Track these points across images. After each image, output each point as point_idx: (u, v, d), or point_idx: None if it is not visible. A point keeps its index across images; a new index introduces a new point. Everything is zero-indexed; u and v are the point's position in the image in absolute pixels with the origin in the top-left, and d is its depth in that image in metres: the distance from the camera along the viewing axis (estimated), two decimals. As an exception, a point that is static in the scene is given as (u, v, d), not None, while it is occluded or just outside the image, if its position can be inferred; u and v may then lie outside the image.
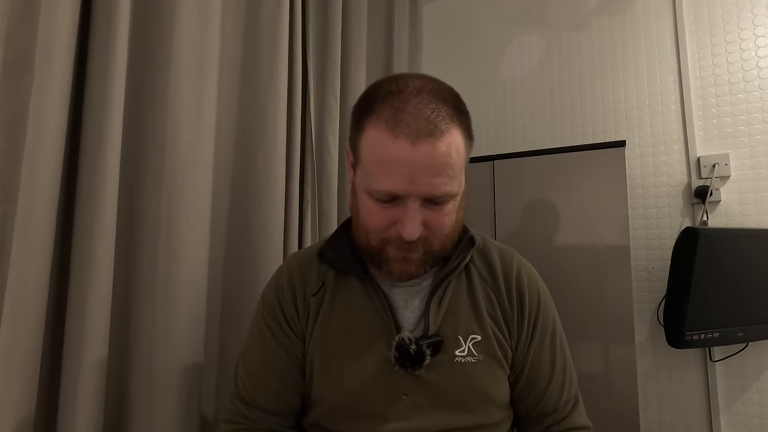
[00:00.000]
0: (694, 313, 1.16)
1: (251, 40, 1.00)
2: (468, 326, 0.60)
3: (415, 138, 0.49)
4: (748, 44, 1.35)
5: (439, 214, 0.54)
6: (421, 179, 0.50)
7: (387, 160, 0.50)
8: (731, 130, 1.36)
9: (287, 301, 0.63)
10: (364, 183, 0.54)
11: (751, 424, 1.28)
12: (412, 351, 0.55)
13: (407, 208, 0.52)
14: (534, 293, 0.65)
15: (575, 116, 1.60)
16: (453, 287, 0.62)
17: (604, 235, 1.18)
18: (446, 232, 0.56)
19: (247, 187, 0.96)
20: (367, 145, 0.53)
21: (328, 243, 0.65)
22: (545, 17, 1.70)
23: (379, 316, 0.60)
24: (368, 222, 0.56)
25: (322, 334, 0.60)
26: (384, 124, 0.51)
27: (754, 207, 1.31)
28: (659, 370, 1.41)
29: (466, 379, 0.58)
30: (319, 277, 0.63)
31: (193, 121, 0.82)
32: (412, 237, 0.52)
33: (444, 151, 0.50)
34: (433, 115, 0.50)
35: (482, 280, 0.64)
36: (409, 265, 0.56)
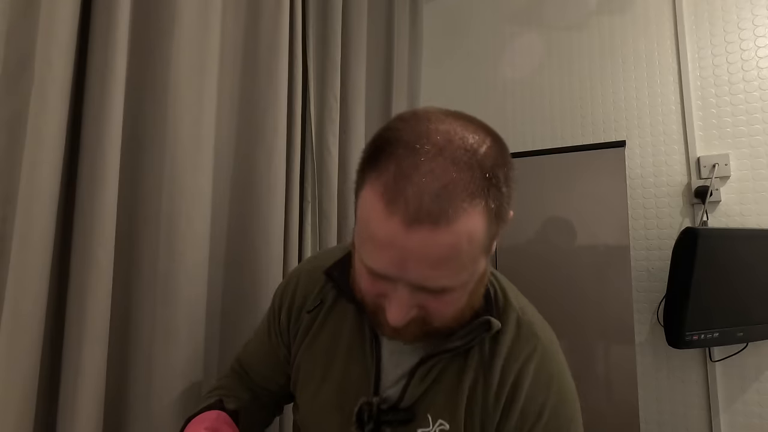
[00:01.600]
0: (694, 313, 1.17)
1: (251, 40, 1.00)
2: (440, 410, 0.52)
3: (412, 221, 0.38)
4: (748, 44, 1.35)
5: (439, 302, 0.45)
6: (412, 268, 0.40)
7: (375, 237, 0.41)
8: (731, 131, 1.36)
9: (284, 310, 0.65)
10: (357, 246, 0.46)
11: (751, 425, 1.28)
12: (365, 417, 0.52)
13: (395, 291, 0.43)
14: (540, 392, 0.52)
15: (575, 116, 1.60)
16: (444, 365, 0.53)
17: (604, 236, 1.18)
18: (448, 318, 0.47)
19: (247, 187, 0.96)
20: (361, 210, 0.43)
21: (339, 263, 0.58)
22: (545, 17, 1.70)
23: (363, 356, 0.55)
24: (360, 283, 0.49)
25: (308, 350, 0.61)
26: (381, 191, 0.40)
27: (754, 207, 1.31)
28: (659, 370, 1.41)
29: None
30: (320, 294, 0.62)
31: (193, 121, 0.82)
32: (396, 324, 0.44)
33: (447, 243, 0.39)
34: (444, 194, 0.38)
35: (479, 366, 0.53)
36: (402, 334, 0.48)
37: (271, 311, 0.68)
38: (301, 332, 0.62)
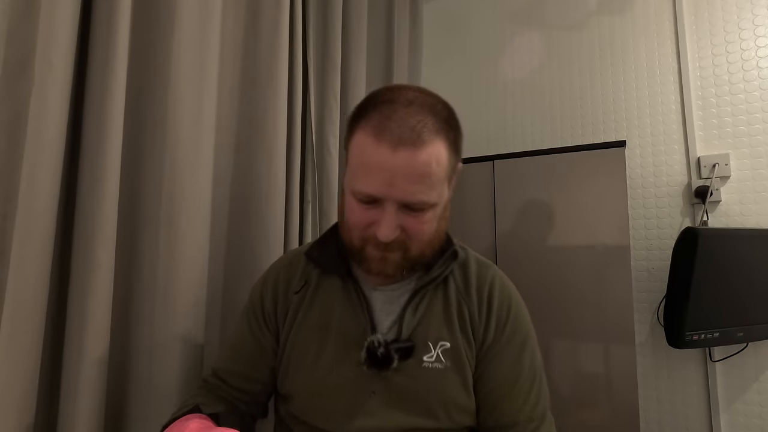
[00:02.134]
0: (694, 313, 1.17)
1: (251, 40, 1.00)
2: (439, 333, 0.62)
3: (397, 145, 0.52)
4: (748, 44, 1.35)
5: (417, 221, 0.56)
6: (398, 184, 0.53)
7: (368, 163, 0.54)
8: (731, 130, 1.36)
9: (268, 298, 0.68)
10: (350, 183, 0.57)
11: (751, 425, 1.28)
12: (379, 354, 0.58)
13: (384, 211, 0.55)
14: (504, 303, 0.66)
15: (575, 116, 1.60)
16: (430, 296, 0.64)
17: (604, 235, 1.18)
18: (424, 239, 0.59)
19: (247, 187, 0.96)
20: (354, 148, 0.57)
21: (317, 243, 0.68)
22: (545, 17, 1.70)
23: (356, 317, 0.62)
24: (350, 220, 0.59)
25: (300, 329, 0.64)
26: (370, 130, 0.54)
27: (754, 207, 1.31)
28: (659, 370, 1.41)
29: (431, 384, 0.60)
30: (303, 275, 0.67)
31: (193, 121, 0.82)
32: (386, 238, 0.55)
33: (423, 160, 0.53)
34: (419, 126, 0.53)
35: (458, 290, 0.66)
36: (386, 265, 0.59)
37: (250, 306, 0.70)
38: (291, 312, 0.65)
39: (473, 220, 1.35)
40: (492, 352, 0.63)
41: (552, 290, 1.22)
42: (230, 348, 0.71)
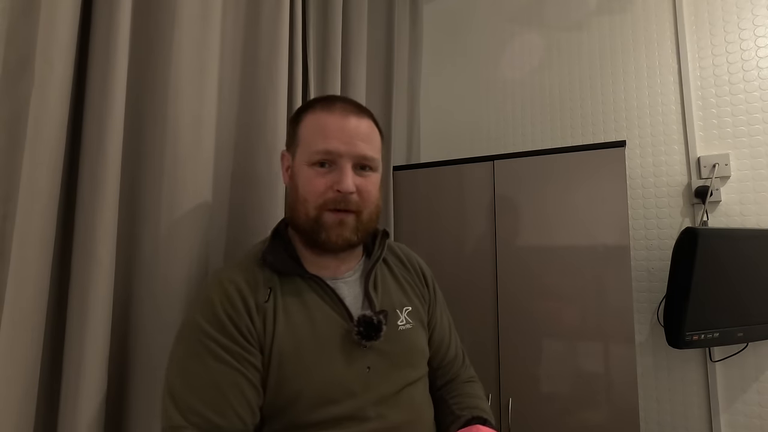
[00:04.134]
0: (694, 313, 1.16)
1: (251, 39, 1.00)
2: (400, 300, 0.74)
3: (346, 114, 0.66)
4: (748, 44, 1.35)
5: (367, 181, 0.67)
6: (353, 141, 0.65)
7: (325, 127, 0.65)
8: (731, 130, 1.36)
9: (240, 314, 0.62)
10: (305, 156, 0.66)
11: (751, 425, 1.28)
12: (375, 321, 0.65)
13: (342, 168, 0.64)
14: (428, 271, 0.84)
15: (575, 116, 1.60)
16: (380, 273, 0.75)
17: (604, 235, 1.18)
18: (373, 201, 0.69)
19: (247, 186, 0.96)
20: (306, 126, 0.67)
21: (268, 249, 0.68)
22: (545, 17, 1.70)
23: (331, 307, 0.67)
24: (307, 189, 0.65)
25: (287, 333, 0.64)
26: (320, 109, 0.67)
27: (754, 207, 1.31)
28: (659, 371, 1.41)
29: (408, 342, 0.72)
30: (265, 283, 0.66)
31: (193, 120, 0.82)
32: (348, 188, 0.63)
33: (368, 126, 0.68)
34: (358, 107, 0.69)
35: (396, 265, 0.80)
36: (344, 229, 0.65)
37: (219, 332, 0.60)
38: (268, 322, 0.64)
39: (473, 220, 1.35)
40: (433, 308, 0.81)
41: (552, 290, 1.22)
42: (210, 395, 0.58)
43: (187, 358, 0.60)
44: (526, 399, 1.22)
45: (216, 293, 0.63)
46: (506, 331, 1.27)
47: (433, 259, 1.39)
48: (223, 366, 0.59)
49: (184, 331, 0.63)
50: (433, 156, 1.78)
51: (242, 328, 0.62)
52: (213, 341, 0.60)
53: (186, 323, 0.64)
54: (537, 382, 1.22)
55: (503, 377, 1.25)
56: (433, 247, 1.40)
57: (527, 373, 1.23)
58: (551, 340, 1.21)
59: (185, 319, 0.65)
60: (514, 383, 1.24)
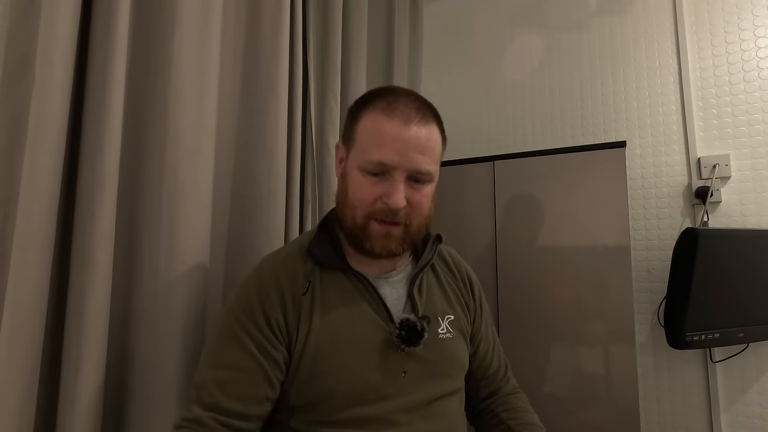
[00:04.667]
0: (695, 313, 1.16)
1: (252, 41, 1.00)
2: (443, 308, 0.72)
3: (407, 121, 0.61)
4: (748, 44, 1.35)
5: (419, 194, 0.64)
6: (409, 154, 0.60)
7: (382, 135, 0.61)
8: (732, 131, 1.36)
9: (273, 305, 0.63)
10: (358, 160, 0.63)
11: (752, 425, 1.28)
12: (418, 327, 0.63)
13: (394, 181, 0.61)
14: (476, 281, 0.82)
15: (576, 117, 1.60)
16: (426, 277, 0.73)
17: (605, 236, 1.18)
18: (424, 213, 0.65)
19: (247, 187, 0.96)
20: (364, 128, 0.63)
21: (314, 241, 0.68)
22: (545, 18, 1.70)
23: (371, 306, 0.66)
24: (357, 196, 0.63)
25: (322, 331, 0.62)
26: (380, 111, 0.62)
27: (754, 208, 1.31)
28: (659, 371, 1.40)
29: (448, 352, 0.69)
30: (306, 275, 0.66)
31: (193, 122, 0.82)
32: (398, 204, 0.61)
33: (429, 136, 0.63)
34: (422, 109, 0.64)
35: (443, 270, 0.77)
36: (390, 241, 0.63)
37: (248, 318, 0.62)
38: (303, 316, 0.63)
39: (473, 220, 1.35)
40: (478, 319, 0.78)
41: (552, 290, 1.22)
42: (227, 377, 0.60)
43: (218, 336, 0.64)
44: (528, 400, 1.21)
45: (254, 280, 0.66)
46: (507, 332, 1.27)
47: (434, 260, 1.39)
48: (246, 355, 0.61)
49: (224, 309, 0.67)
50: (433, 156, 1.78)
51: (272, 322, 0.62)
52: (242, 328, 0.62)
53: (227, 302, 0.67)
54: (538, 382, 1.22)
55: (504, 378, 1.25)
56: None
57: (528, 373, 1.23)
58: (552, 341, 1.21)
59: (230, 296, 0.68)
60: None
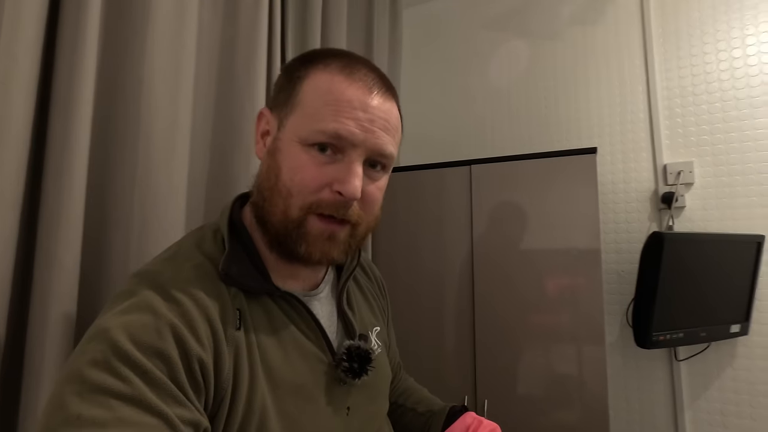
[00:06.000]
0: (661, 314, 1.21)
1: (229, 40, 0.99)
2: (371, 320, 0.63)
3: (372, 87, 0.47)
4: (710, 58, 1.42)
5: (375, 186, 0.50)
6: (374, 129, 0.46)
7: (341, 99, 0.45)
8: (695, 139, 1.42)
9: (200, 341, 0.41)
10: (301, 130, 0.46)
11: (713, 421, 1.34)
12: (371, 354, 0.53)
13: (351, 163, 0.45)
14: (383, 281, 0.73)
15: (550, 123, 1.65)
16: (351, 288, 0.62)
17: (577, 239, 1.21)
18: (375, 212, 0.51)
19: (224, 189, 0.94)
20: (314, 88, 0.47)
21: (229, 257, 0.48)
22: (522, 26, 1.74)
23: (305, 334, 0.51)
24: (296, 180, 0.46)
25: (267, 381, 0.46)
26: (337, 70, 0.47)
27: (716, 213, 1.38)
28: (628, 370, 1.45)
29: (381, 370, 0.60)
30: (232, 303, 0.46)
31: (167, 120, 0.80)
32: (355, 193, 0.45)
33: (393, 111, 0.49)
34: (385, 80, 0.50)
35: (362, 276, 0.68)
36: (333, 245, 0.48)
37: (166, 368, 0.38)
38: (242, 359, 0.45)
39: (451, 224, 1.36)
40: (389, 324, 0.72)
41: (526, 293, 1.25)
42: None
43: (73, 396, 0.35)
44: (502, 400, 1.24)
45: (160, 304, 0.41)
46: (482, 333, 1.28)
47: (412, 262, 1.40)
48: (143, 416, 0.35)
49: (81, 358, 0.37)
50: (411, 160, 1.80)
51: (194, 368, 0.40)
52: (139, 373, 0.37)
53: (88, 349, 0.38)
54: (512, 383, 1.24)
55: (479, 379, 1.27)
56: (412, 250, 1.41)
57: (502, 374, 1.25)
58: (526, 343, 1.24)
59: (93, 336, 0.39)
60: (490, 385, 1.26)
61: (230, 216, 0.52)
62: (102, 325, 0.40)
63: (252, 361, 0.46)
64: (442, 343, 1.33)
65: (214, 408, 0.42)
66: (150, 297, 0.42)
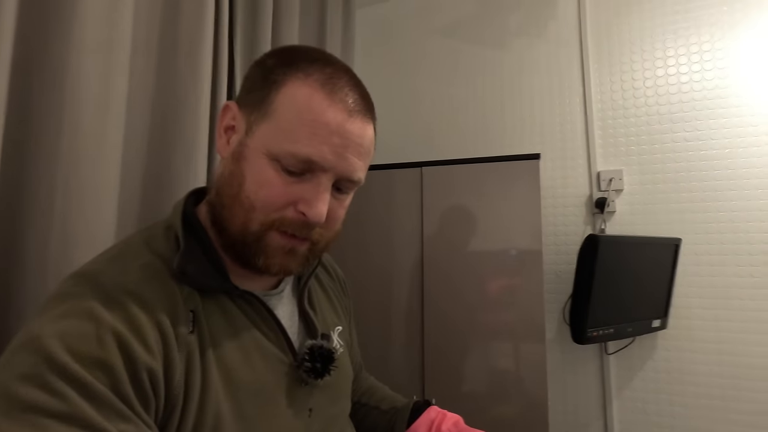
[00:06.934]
0: (595, 311, 1.29)
1: (170, 27, 0.92)
2: (333, 320, 0.62)
3: (352, 112, 0.45)
4: (638, 75, 1.55)
5: (341, 206, 0.50)
6: (347, 155, 0.45)
7: (318, 121, 0.43)
8: (625, 149, 1.55)
9: (148, 347, 0.38)
10: (273, 144, 0.44)
11: (635, 408, 1.46)
12: (333, 353, 0.53)
13: (319, 186, 0.45)
14: (346, 281, 0.73)
15: (496, 128, 1.71)
16: (312, 286, 0.61)
17: (520, 241, 1.26)
18: (336, 229, 0.51)
19: (162, 186, 0.87)
20: (291, 101, 0.44)
21: (185, 254, 0.45)
22: (471, 35, 1.79)
23: (265, 334, 0.50)
24: (260, 195, 0.44)
25: (223, 385, 0.44)
26: (318, 84, 0.44)
27: (642, 217, 1.50)
28: (565, 365, 1.55)
29: (343, 370, 0.60)
30: (185, 303, 0.44)
31: (97, 110, 0.72)
32: (320, 218, 0.45)
33: (369, 136, 0.48)
34: (365, 99, 0.48)
35: (323, 274, 0.67)
36: (291, 260, 0.47)
37: (109, 381, 0.35)
38: (194, 363, 0.42)
39: (401, 224, 1.37)
40: (352, 323, 0.72)
41: (473, 292, 1.28)
42: None
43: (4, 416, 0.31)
44: (449, 398, 1.26)
45: (100, 308, 0.37)
46: (431, 333, 1.30)
47: (361, 262, 1.39)
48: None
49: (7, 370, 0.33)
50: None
51: (142, 377, 0.37)
52: (77, 387, 0.33)
53: (13, 360, 0.34)
54: (459, 381, 1.27)
55: (427, 378, 1.29)
56: (361, 251, 1.40)
57: (450, 373, 1.28)
58: (472, 341, 1.27)
59: (19, 346, 0.35)
60: (438, 384, 1.28)
61: (184, 212, 0.49)
62: (33, 332, 0.35)
63: (206, 365, 0.43)
64: (391, 342, 1.34)
65: (164, 418, 0.39)
66: (90, 300, 0.38)
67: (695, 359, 1.41)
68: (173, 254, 0.45)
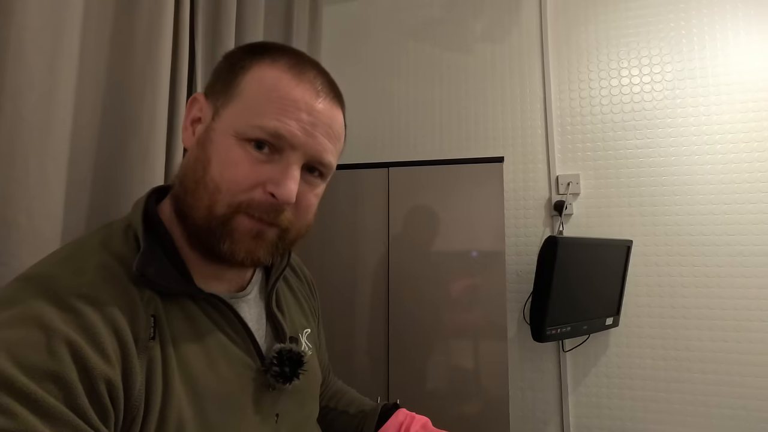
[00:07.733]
0: (553, 310, 1.34)
1: (125, 18, 0.86)
2: (301, 322, 0.61)
3: (319, 92, 0.45)
4: (594, 84, 1.63)
5: (312, 193, 0.48)
6: (316, 134, 0.44)
7: (285, 98, 0.43)
8: (581, 155, 1.62)
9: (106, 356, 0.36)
10: (238, 122, 0.43)
11: (590, 403, 1.53)
12: (303, 357, 0.52)
13: (289, 165, 0.43)
14: (314, 282, 0.71)
15: (461, 131, 1.74)
16: (281, 289, 0.60)
17: (484, 242, 1.29)
18: (307, 219, 0.49)
19: (115, 182, 0.82)
20: (258, 81, 0.44)
21: (145, 256, 0.42)
22: (437, 36, 1.82)
23: (230, 339, 0.48)
24: (226, 175, 0.43)
25: (186, 392, 0.41)
26: (286, 68, 0.44)
27: (596, 220, 1.58)
28: (524, 362, 1.59)
29: (312, 373, 0.58)
30: (145, 308, 0.41)
31: (41, 96, 0.66)
32: (289, 197, 0.43)
33: (338, 119, 0.47)
34: (333, 85, 0.48)
35: (291, 276, 0.65)
36: (259, 245, 0.45)
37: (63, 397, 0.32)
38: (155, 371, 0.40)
39: (367, 224, 1.37)
40: (320, 325, 0.70)
41: (438, 291, 1.30)
42: None
43: None
44: (413, 396, 1.26)
45: (54, 317, 0.34)
46: (395, 332, 1.30)
47: (327, 263, 1.37)
48: None
49: None
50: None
51: (99, 388, 0.34)
52: (26, 403, 0.31)
53: None
54: (423, 380, 1.28)
55: (392, 379, 1.29)
56: (327, 249, 1.38)
57: (414, 372, 1.28)
58: (436, 340, 1.28)
59: None
60: (402, 382, 1.28)
61: (145, 210, 0.47)
62: None
63: (168, 372, 0.41)
64: (356, 341, 1.33)
65: (124, 429, 0.37)
66: (39, 307, 0.35)
67: (643, 354, 1.49)
68: (133, 255, 0.42)
